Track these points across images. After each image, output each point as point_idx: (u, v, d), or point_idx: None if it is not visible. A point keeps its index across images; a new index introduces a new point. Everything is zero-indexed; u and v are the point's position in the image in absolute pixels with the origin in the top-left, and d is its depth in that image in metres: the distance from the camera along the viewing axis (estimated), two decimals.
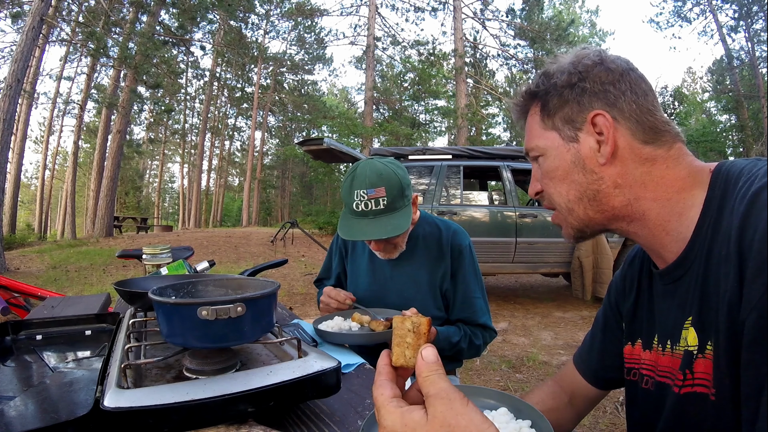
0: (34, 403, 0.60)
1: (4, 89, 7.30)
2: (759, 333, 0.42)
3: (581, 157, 0.60)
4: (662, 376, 0.60)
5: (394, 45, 21.57)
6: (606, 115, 0.58)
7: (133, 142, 21.41)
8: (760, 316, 0.42)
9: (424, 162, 5.30)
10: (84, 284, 6.13)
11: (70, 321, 1.06)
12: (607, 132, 0.57)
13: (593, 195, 0.60)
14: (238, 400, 0.61)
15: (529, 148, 0.67)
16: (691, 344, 0.54)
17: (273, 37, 27.52)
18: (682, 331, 0.56)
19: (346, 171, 1.31)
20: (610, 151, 0.57)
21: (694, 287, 0.54)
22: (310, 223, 15.24)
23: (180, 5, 13.95)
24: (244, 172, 31.45)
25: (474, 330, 1.30)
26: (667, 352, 0.59)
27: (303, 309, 4.87)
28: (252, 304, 0.66)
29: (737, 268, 0.46)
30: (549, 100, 0.62)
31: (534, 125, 0.65)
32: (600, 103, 0.58)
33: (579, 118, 0.59)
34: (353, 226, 1.18)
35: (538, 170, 0.67)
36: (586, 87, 0.59)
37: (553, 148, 0.62)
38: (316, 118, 25.65)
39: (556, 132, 0.62)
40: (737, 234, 0.47)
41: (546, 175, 0.64)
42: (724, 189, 0.53)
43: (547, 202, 0.67)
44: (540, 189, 0.67)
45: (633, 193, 0.58)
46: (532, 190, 0.69)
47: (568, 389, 0.82)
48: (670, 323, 0.59)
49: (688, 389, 0.54)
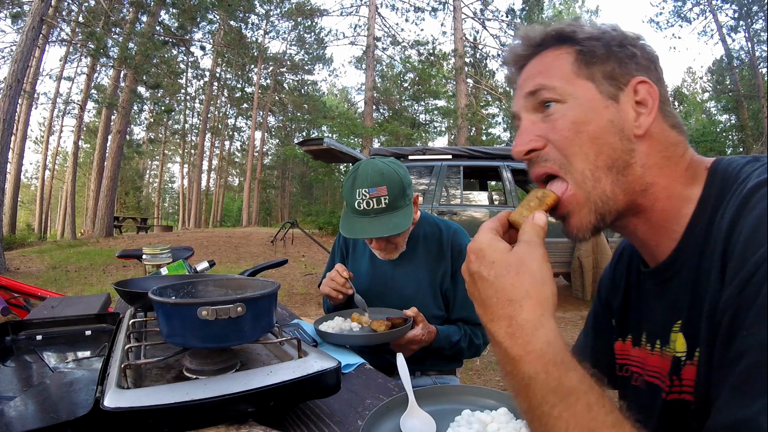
0: (34, 403, 0.60)
1: (4, 89, 7.30)
2: (731, 331, 0.40)
3: (620, 119, 0.52)
4: (651, 375, 0.58)
5: (394, 45, 21.58)
6: (652, 84, 0.53)
7: (133, 142, 21.39)
8: (733, 314, 0.40)
9: (424, 162, 5.30)
10: (84, 284, 6.12)
11: (70, 321, 1.06)
12: (651, 102, 0.52)
13: (624, 167, 0.52)
14: (238, 400, 0.61)
15: (539, 86, 0.54)
16: (679, 350, 0.52)
17: (273, 37, 27.56)
18: (671, 334, 0.54)
19: (347, 171, 1.32)
20: (649, 123, 0.52)
21: (684, 290, 0.52)
22: (310, 223, 15.24)
23: (180, 5, 13.94)
24: (244, 172, 31.45)
25: (474, 329, 1.30)
26: (656, 352, 0.57)
27: (303, 309, 4.86)
28: (252, 304, 0.66)
29: (720, 271, 0.44)
30: (593, 49, 0.53)
31: (560, 65, 0.54)
32: (644, 74, 0.53)
33: (622, 79, 0.53)
34: (355, 225, 1.19)
35: (541, 122, 0.55)
36: (635, 53, 0.54)
37: (587, 99, 0.52)
38: (316, 118, 25.69)
39: (592, 83, 0.53)
40: (725, 236, 0.45)
41: (567, 127, 0.52)
42: (721, 188, 0.50)
43: (553, 164, 0.54)
44: (541, 145, 0.54)
45: (652, 176, 0.53)
46: (525, 145, 0.55)
47: None
48: (658, 323, 0.57)
49: (675, 395, 0.53)
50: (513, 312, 0.42)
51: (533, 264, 0.43)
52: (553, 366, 0.40)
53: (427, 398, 0.76)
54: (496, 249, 0.45)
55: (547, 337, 0.41)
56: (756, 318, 0.37)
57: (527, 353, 0.41)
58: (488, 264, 0.45)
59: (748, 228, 0.42)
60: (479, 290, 0.46)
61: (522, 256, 0.44)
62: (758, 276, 0.38)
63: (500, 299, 0.42)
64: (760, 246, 0.39)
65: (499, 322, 0.43)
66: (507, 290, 0.42)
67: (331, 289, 1.27)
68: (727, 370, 0.38)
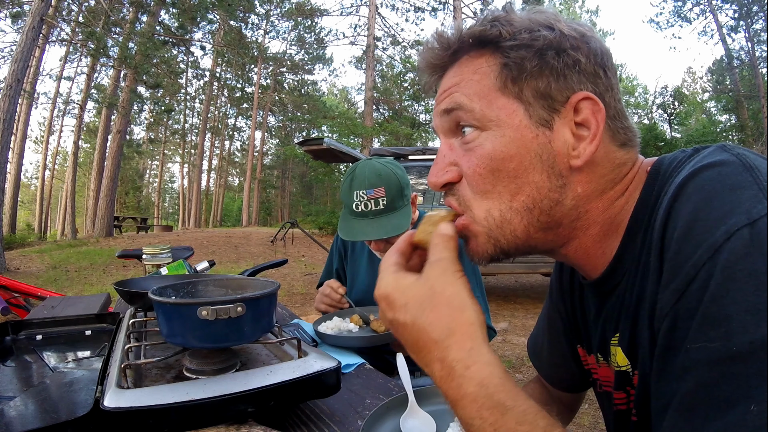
0: (34, 403, 0.60)
1: (4, 89, 7.30)
2: (670, 342, 0.35)
3: (552, 152, 0.43)
4: (605, 385, 0.56)
5: (394, 45, 21.59)
6: (597, 101, 0.43)
7: (133, 142, 21.46)
8: (672, 324, 0.35)
9: (424, 162, 5.31)
10: (84, 284, 6.12)
11: (70, 321, 1.06)
12: (594, 124, 0.43)
13: (549, 207, 0.44)
14: (238, 400, 0.61)
15: (455, 105, 0.45)
16: (622, 364, 0.47)
17: (273, 37, 27.62)
18: (610, 347, 0.50)
19: (346, 171, 1.31)
20: (591, 152, 0.43)
21: (621, 303, 0.47)
22: (310, 223, 15.24)
23: (180, 5, 13.94)
24: (244, 172, 31.47)
25: None
26: (603, 364, 0.54)
27: (303, 309, 4.86)
28: (252, 304, 0.66)
29: (657, 274, 0.38)
30: (522, 59, 0.43)
31: (479, 79, 0.44)
32: (589, 86, 0.43)
33: (559, 97, 0.43)
34: (353, 227, 1.19)
35: (459, 148, 0.46)
36: (578, 60, 0.43)
37: (512, 127, 0.43)
38: (316, 118, 25.68)
39: (521, 104, 0.43)
40: (659, 235, 0.39)
41: (482, 163, 0.44)
42: (660, 186, 0.43)
43: (459, 202, 0.47)
44: (456, 177, 0.46)
45: (587, 205, 0.45)
46: (439, 177, 0.47)
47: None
48: (598, 336, 0.53)
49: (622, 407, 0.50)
50: (441, 354, 0.38)
51: (447, 290, 0.39)
52: (487, 411, 0.36)
53: (427, 398, 0.76)
54: (404, 289, 0.40)
55: (480, 375, 0.37)
56: (699, 330, 0.32)
57: (461, 398, 0.37)
58: (401, 308, 0.40)
59: (683, 225, 0.36)
60: (403, 337, 0.41)
61: (433, 283, 0.39)
62: (697, 282, 0.33)
63: (426, 342, 0.38)
64: (696, 246, 0.34)
65: (432, 365, 0.39)
66: (428, 331, 0.38)
67: (327, 306, 1.29)
68: (671, 386, 0.34)
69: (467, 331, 0.38)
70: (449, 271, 0.40)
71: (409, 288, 0.40)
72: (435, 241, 0.42)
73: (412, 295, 0.40)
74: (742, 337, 0.30)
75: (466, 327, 0.38)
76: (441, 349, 0.38)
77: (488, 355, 0.38)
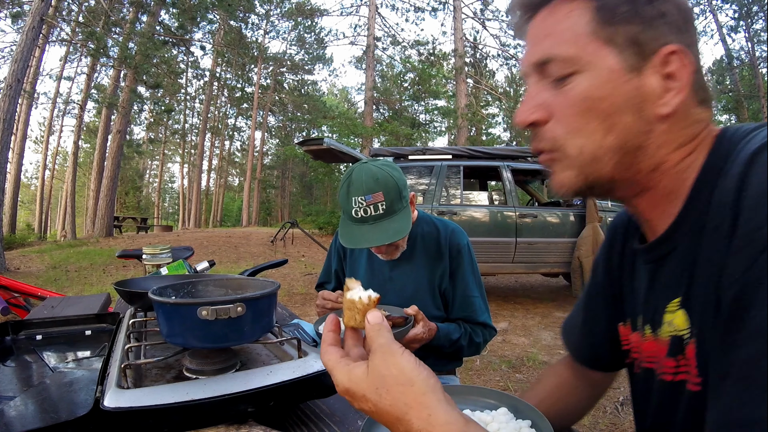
0: (34, 403, 0.60)
1: (4, 89, 7.30)
2: (736, 310, 0.36)
3: (640, 98, 0.44)
4: (648, 361, 0.55)
5: (394, 45, 21.59)
6: (687, 54, 0.44)
7: (133, 142, 21.42)
8: (739, 292, 0.35)
9: (424, 162, 5.30)
10: (84, 284, 6.12)
11: (70, 321, 1.06)
12: (683, 77, 0.44)
13: (635, 149, 0.46)
14: (238, 400, 0.61)
15: (548, 56, 0.47)
16: (681, 327, 0.48)
17: (273, 37, 27.73)
18: (665, 315, 0.50)
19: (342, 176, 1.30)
20: (678, 103, 0.44)
21: (683, 265, 0.47)
22: (310, 223, 15.24)
23: (180, 5, 13.94)
24: (244, 172, 31.47)
25: (474, 328, 1.30)
26: (649, 336, 0.54)
27: (303, 309, 4.86)
28: (252, 304, 0.66)
29: (727, 239, 0.39)
30: (614, 6, 0.44)
31: (572, 25, 0.46)
32: (677, 38, 0.44)
33: (650, 46, 0.44)
34: (354, 233, 1.17)
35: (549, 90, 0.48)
36: (668, 11, 0.44)
37: (604, 70, 0.44)
38: (316, 118, 25.71)
39: (612, 48, 0.44)
40: (733, 200, 0.39)
41: (576, 102, 0.45)
42: (726, 154, 0.44)
43: (548, 142, 0.48)
44: (544, 118, 0.48)
45: (664, 156, 0.47)
46: (527, 116, 0.49)
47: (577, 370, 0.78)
48: (652, 305, 0.53)
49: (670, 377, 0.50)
50: (406, 428, 0.41)
51: (392, 371, 0.41)
52: None
53: None
54: (358, 381, 0.43)
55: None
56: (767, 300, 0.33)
57: None
58: (362, 399, 0.43)
59: (759, 192, 0.37)
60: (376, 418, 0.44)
61: (379, 370, 0.42)
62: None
63: (392, 421, 0.42)
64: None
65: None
66: (390, 412, 0.41)
67: (326, 310, 1.30)
68: (733, 354, 0.35)
69: (422, 402, 0.40)
70: (388, 353, 0.42)
71: (362, 380, 0.43)
72: (370, 334, 0.45)
73: (366, 386, 0.43)
74: None
75: (420, 398, 0.40)
76: (405, 423, 0.41)
77: (445, 415, 0.40)
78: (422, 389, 0.41)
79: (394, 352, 0.42)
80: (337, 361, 0.46)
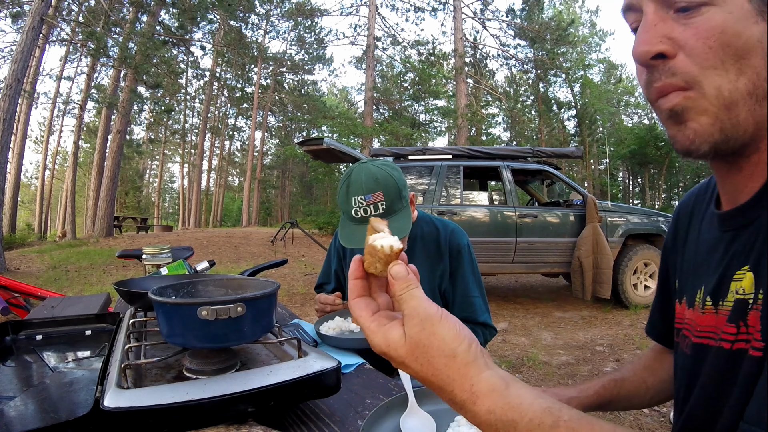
0: (34, 403, 0.60)
1: (4, 89, 7.30)
2: None
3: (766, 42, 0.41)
4: (701, 336, 0.54)
5: (394, 45, 21.61)
6: None
7: (133, 142, 21.45)
8: None
9: (424, 162, 5.30)
10: (84, 284, 6.13)
11: (70, 321, 1.06)
12: None
13: (760, 100, 0.42)
14: (238, 400, 0.61)
15: None
16: (748, 291, 0.45)
17: (273, 37, 27.70)
18: (732, 283, 0.47)
19: (341, 177, 1.29)
20: None
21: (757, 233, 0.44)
22: (310, 223, 15.25)
23: (180, 5, 13.95)
24: (244, 172, 31.47)
25: (474, 328, 1.30)
26: (709, 309, 0.52)
27: (303, 309, 4.87)
28: (252, 304, 0.66)
29: None
30: None
31: None
32: None
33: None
34: (355, 234, 1.17)
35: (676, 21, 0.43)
36: None
37: (737, 6, 0.41)
38: (316, 118, 25.69)
39: None
40: None
41: (712, 35, 0.41)
42: None
43: (681, 77, 0.43)
44: (672, 51, 0.43)
45: None
46: (652, 46, 0.43)
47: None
48: (719, 275, 0.50)
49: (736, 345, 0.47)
50: (449, 396, 0.41)
51: (433, 342, 0.40)
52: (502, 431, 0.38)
53: (427, 398, 0.76)
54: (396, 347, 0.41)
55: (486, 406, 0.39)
56: None
57: (479, 425, 0.40)
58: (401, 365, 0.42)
59: None
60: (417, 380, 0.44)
61: (417, 339, 0.40)
62: None
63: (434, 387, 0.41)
64: None
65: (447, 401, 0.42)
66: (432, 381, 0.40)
67: (325, 312, 1.33)
68: None
69: (464, 374, 0.40)
70: (426, 321, 0.40)
71: (400, 346, 0.41)
72: (398, 293, 0.42)
73: (404, 353, 0.41)
74: None
75: (463, 370, 0.40)
76: (447, 393, 0.40)
77: (487, 384, 0.39)
78: (465, 360, 0.40)
79: (432, 319, 0.40)
80: (370, 321, 0.44)
